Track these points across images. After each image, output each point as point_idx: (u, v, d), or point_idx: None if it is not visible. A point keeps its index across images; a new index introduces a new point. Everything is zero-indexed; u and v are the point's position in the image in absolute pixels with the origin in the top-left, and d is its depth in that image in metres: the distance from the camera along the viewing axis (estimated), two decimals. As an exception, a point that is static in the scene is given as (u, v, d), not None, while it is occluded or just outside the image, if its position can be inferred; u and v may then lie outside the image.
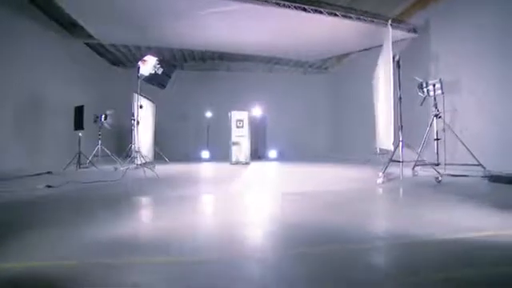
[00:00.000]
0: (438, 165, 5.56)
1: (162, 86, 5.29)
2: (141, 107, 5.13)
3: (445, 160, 5.57)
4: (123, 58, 11.15)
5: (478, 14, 6.03)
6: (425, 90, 5.64)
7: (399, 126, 4.82)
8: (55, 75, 7.92)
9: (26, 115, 7.01)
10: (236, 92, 11.80)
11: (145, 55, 5.17)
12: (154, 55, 5.24)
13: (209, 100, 11.71)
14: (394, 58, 4.74)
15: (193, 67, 12.68)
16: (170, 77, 5.31)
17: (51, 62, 7.86)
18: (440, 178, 4.47)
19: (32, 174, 5.55)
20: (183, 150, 11.31)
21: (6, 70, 6.46)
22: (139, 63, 5.15)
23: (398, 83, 4.75)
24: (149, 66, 5.19)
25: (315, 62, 12.56)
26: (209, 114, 11.31)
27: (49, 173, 5.94)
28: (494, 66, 5.74)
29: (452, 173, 5.32)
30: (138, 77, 5.08)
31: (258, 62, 12.70)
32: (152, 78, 5.23)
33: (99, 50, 10.18)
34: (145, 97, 7.56)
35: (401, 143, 4.73)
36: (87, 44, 9.37)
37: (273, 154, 10.53)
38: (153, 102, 8.15)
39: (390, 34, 5.16)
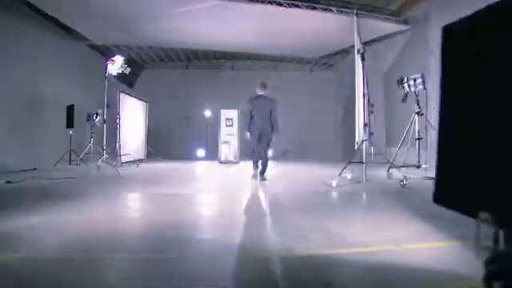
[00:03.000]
0: (419, 167, 5.11)
1: (130, 85, 5.36)
2: (108, 106, 5.22)
3: (426, 161, 5.09)
4: (128, 58, 11.50)
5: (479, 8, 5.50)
6: (405, 85, 5.18)
7: (364, 124, 4.46)
8: (56, 76, 8.27)
9: (24, 114, 7.41)
10: (239, 91, 11.67)
11: (112, 56, 5.25)
12: (122, 55, 5.30)
13: (212, 99, 11.71)
14: (358, 50, 4.38)
15: (197, 66, 12.79)
16: (137, 76, 5.35)
17: (52, 63, 8.18)
18: (405, 182, 4.07)
19: (17, 171, 5.85)
20: (185, 148, 11.43)
21: (7, 71, 6.84)
22: (108, 63, 5.23)
23: (363, 78, 4.39)
24: (116, 65, 5.26)
25: (321, 59, 12.14)
26: (208, 113, 11.34)
27: (34, 169, 6.26)
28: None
29: (431, 175, 4.83)
30: (106, 76, 5.16)
31: (262, 60, 12.54)
32: (120, 78, 5.30)
33: (103, 50, 10.53)
34: (134, 96, 7.73)
35: (365, 143, 4.37)
36: (91, 46, 9.74)
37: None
38: (144, 101, 8.29)
39: (355, 24, 4.78)
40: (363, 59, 4.27)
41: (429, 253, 1.73)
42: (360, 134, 4.42)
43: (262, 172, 4.87)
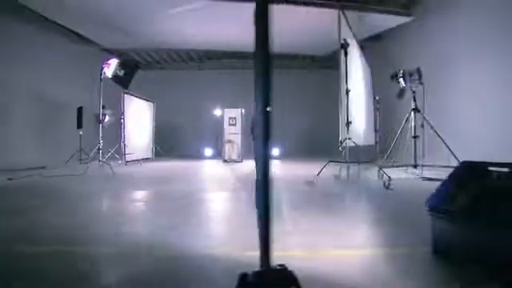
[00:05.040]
0: (416, 166, 4.83)
1: (125, 86, 5.53)
2: (103, 107, 5.44)
3: (422, 160, 4.78)
4: (141, 61, 11.90)
5: (479, 4, 5.28)
6: (400, 80, 4.90)
7: (348, 123, 4.26)
8: (68, 78, 8.62)
9: (39, 115, 7.89)
10: (250, 89, 11.65)
11: (111, 58, 5.44)
12: (116, 58, 5.49)
13: (223, 98, 11.81)
14: (342, 45, 4.19)
15: (209, 66, 12.96)
16: (131, 78, 5.52)
17: (64, 65, 8.59)
18: (389, 183, 3.84)
19: (24, 168, 6.22)
20: (195, 147, 11.63)
21: (20, 74, 7.30)
22: (103, 65, 5.44)
23: (346, 73, 4.20)
24: (111, 68, 5.46)
25: (330, 57, 11.83)
26: (218, 112, 11.42)
27: (42, 167, 6.66)
28: (493, 60, 4.90)
29: (428, 175, 4.52)
30: (101, 79, 5.37)
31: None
32: (115, 79, 5.50)
33: (114, 53, 10.90)
34: (139, 97, 7.99)
35: (348, 141, 4.18)
36: (104, 49, 10.15)
37: (275, 152, 10.24)
38: (151, 101, 8.55)
39: (339, 18, 4.56)
40: (346, 54, 4.06)
41: (327, 261, 1.59)
42: (343, 132, 4.22)
43: None
